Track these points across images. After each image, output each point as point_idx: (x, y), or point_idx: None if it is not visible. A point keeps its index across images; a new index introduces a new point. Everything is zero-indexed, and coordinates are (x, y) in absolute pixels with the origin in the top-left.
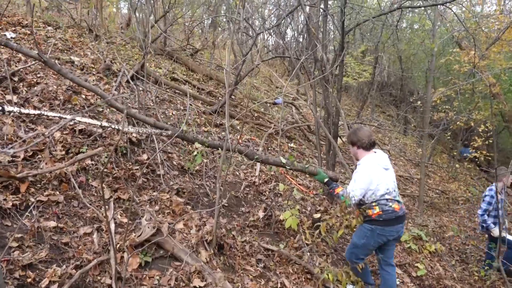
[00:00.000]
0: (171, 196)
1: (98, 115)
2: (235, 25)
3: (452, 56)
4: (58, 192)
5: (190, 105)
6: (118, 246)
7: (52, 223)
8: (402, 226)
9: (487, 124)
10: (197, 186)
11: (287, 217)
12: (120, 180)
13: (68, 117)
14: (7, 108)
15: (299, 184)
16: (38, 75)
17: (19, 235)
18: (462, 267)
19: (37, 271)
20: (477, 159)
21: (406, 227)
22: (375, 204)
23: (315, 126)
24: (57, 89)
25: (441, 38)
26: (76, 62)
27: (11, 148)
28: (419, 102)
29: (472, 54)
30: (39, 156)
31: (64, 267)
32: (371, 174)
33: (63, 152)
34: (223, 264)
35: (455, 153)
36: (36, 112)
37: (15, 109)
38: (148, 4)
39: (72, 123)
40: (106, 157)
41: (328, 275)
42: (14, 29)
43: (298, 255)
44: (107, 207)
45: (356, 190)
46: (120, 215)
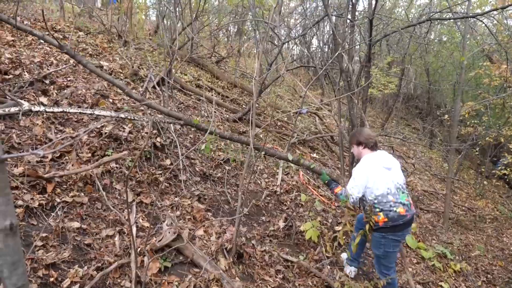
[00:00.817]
0: (192, 202)
1: (123, 119)
2: (262, 33)
3: (482, 69)
4: (82, 194)
5: (214, 111)
6: (139, 250)
7: (76, 224)
8: (410, 228)
9: None
10: (218, 193)
11: (308, 228)
12: (143, 184)
13: (88, 111)
14: (34, 108)
15: (320, 195)
16: (68, 79)
17: (44, 235)
18: None
19: (59, 270)
20: (506, 177)
21: (430, 244)
22: (379, 211)
23: (339, 137)
24: (85, 92)
25: (471, 51)
26: (105, 67)
27: (41, 149)
28: (446, 116)
29: (503, 68)
30: (66, 157)
31: (85, 268)
32: (369, 172)
33: (89, 155)
34: (242, 273)
35: (483, 169)
36: (60, 109)
37: (41, 108)
38: (176, 12)
39: (99, 126)
40: (130, 160)
41: None
42: (47, 33)
43: (318, 267)
44: (129, 210)
45: (353, 187)
46: (142, 219)
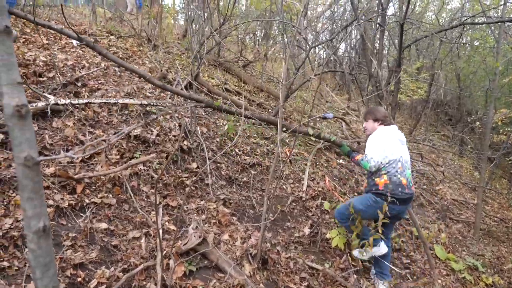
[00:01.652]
0: (217, 206)
1: (152, 122)
2: (289, 37)
3: None
4: (111, 195)
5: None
6: (164, 252)
7: (104, 225)
8: (405, 207)
9: None
10: (243, 198)
11: (334, 236)
12: (169, 187)
13: (112, 100)
14: (61, 101)
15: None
16: (99, 81)
17: (73, 235)
18: None
19: (87, 271)
20: None
21: (460, 255)
22: (384, 173)
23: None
24: (116, 95)
25: (505, 56)
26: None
27: (74, 152)
28: (477, 123)
29: None
30: (96, 159)
31: (112, 269)
32: (386, 138)
33: (118, 156)
34: (266, 279)
35: None
36: (84, 101)
37: (67, 101)
38: (204, 16)
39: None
40: (158, 163)
41: None
42: (66, 27)
43: (344, 276)
44: (157, 213)
45: (374, 152)
46: (168, 222)
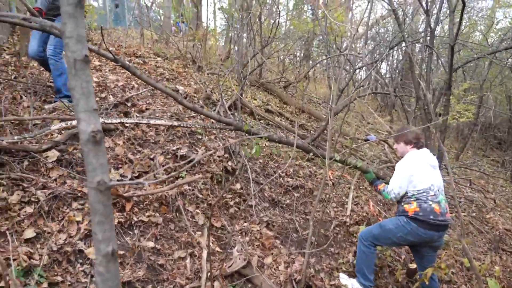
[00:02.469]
0: (261, 229)
1: (197, 142)
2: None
3: None
4: (157, 214)
5: (284, 135)
6: (209, 274)
7: (151, 244)
8: (441, 235)
9: None
10: (286, 221)
11: (380, 262)
12: (214, 208)
13: (144, 120)
14: (108, 120)
15: None
16: (148, 102)
17: (122, 252)
18: None
19: None
20: None
21: None
22: (413, 200)
23: None
24: (162, 115)
25: None
26: (180, 91)
27: (145, 178)
28: None
29: None
30: (144, 177)
31: None
32: (414, 166)
33: (165, 176)
34: None
35: None
36: (117, 120)
37: (115, 120)
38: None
39: (175, 148)
40: (203, 183)
41: None
42: (129, 59)
43: None
44: (201, 233)
45: (396, 182)
46: (212, 243)
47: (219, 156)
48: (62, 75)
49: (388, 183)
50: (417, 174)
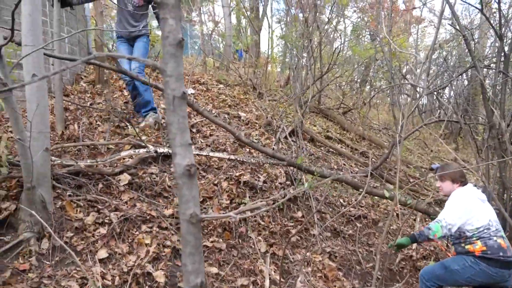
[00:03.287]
0: (323, 259)
1: (259, 169)
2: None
3: None
4: (221, 240)
5: (344, 164)
6: None
7: (214, 269)
8: (510, 273)
9: None
10: (349, 252)
11: None
12: (275, 235)
13: (204, 153)
14: (159, 150)
15: None
16: (211, 128)
17: None
18: None
19: None
20: None
21: None
22: (476, 239)
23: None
24: (225, 141)
25: None
26: (242, 117)
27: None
28: None
29: None
30: (208, 202)
31: None
32: (469, 202)
33: (228, 202)
34: None
35: None
36: (204, 153)
37: (165, 150)
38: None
39: (238, 174)
40: (265, 210)
41: None
42: (193, 86)
43: None
44: (263, 261)
45: (449, 216)
46: (274, 272)
47: (281, 183)
48: (147, 89)
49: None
50: (473, 211)
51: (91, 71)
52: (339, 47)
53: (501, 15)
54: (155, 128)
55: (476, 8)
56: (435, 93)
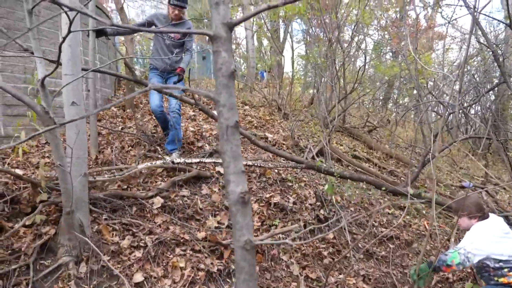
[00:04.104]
0: (357, 282)
1: (288, 190)
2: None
3: None
4: None
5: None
6: None
7: None
8: None
9: None
10: (383, 274)
11: None
12: (308, 257)
13: (220, 160)
14: (176, 160)
15: None
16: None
17: None
18: None
19: None
20: None
21: None
22: (508, 271)
23: None
24: (253, 162)
25: None
26: (269, 138)
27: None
28: None
29: None
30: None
31: None
32: (491, 234)
33: (259, 223)
34: None
35: None
36: (197, 160)
37: (182, 160)
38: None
39: (268, 195)
40: (296, 232)
41: None
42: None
43: None
44: (297, 284)
45: (469, 245)
46: None
47: (311, 204)
48: (180, 128)
49: None
50: (497, 243)
51: (120, 96)
52: (363, 66)
53: None
54: None
55: (504, 23)
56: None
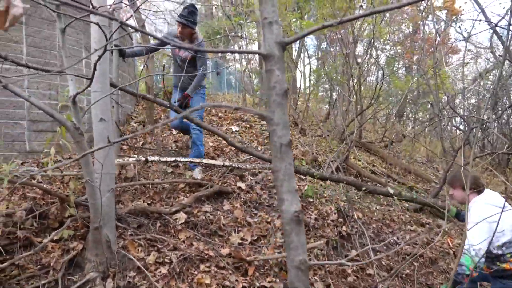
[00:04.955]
0: None
1: (308, 205)
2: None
3: None
4: (278, 279)
5: (393, 200)
6: None
7: None
8: None
9: None
10: None
11: None
12: (332, 275)
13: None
14: (150, 158)
15: None
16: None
17: None
18: None
19: None
20: None
21: None
22: (509, 256)
23: None
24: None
25: None
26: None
27: (347, 259)
28: None
29: None
30: (262, 241)
31: None
32: (489, 216)
33: (282, 240)
34: None
35: None
36: (172, 159)
37: (156, 158)
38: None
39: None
40: (319, 249)
41: None
42: (238, 123)
43: None
44: None
45: (476, 242)
46: None
47: (332, 221)
48: (202, 144)
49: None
50: (495, 222)
51: (140, 111)
52: (380, 81)
53: None
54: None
55: None
56: (484, 124)
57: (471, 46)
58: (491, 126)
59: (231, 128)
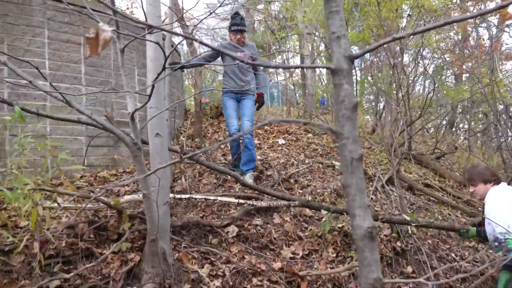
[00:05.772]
0: None
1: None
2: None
3: None
4: None
5: (449, 214)
6: None
7: None
8: None
9: None
10: None
11: None
12: None
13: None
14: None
15: None
16: (307, 178)
17: None
18: None
19: None
20: None
21: None
22: None
23: None
24: (323, 191)
25: None
26: (336, 167)
27: (425, 278)
28: None
29: None
30: (313, 256)
31: None
32: (507, 202)
33: (334, 255)
34: None
35: None
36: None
37: (201, 196)
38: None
39: (340, 225)
40: None
41: None
42: (284, 136)
43: None
44: None
45: (506, 216)
46: None
47: (386, 235)
48: (254, 148)
49: None
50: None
51: (188, 126)
52: (431, 91)
53: None
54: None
55: None
56: None
57: None
58: None
59: (277, 141)
